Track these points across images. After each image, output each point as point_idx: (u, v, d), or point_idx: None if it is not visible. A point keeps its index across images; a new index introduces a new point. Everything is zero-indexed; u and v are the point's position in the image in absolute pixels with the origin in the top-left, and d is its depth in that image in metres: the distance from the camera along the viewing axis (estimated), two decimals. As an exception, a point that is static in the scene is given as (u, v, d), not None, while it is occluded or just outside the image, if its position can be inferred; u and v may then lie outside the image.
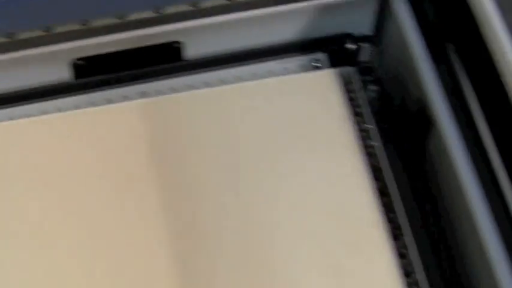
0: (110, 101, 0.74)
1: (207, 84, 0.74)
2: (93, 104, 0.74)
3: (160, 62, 0.74)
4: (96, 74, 0.74)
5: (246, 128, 0.70)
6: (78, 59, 0.73)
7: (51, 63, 0.73)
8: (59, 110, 0.73)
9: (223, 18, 0.72)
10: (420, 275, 0.66)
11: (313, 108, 0.71)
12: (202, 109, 0.71)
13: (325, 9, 0.75)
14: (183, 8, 0.70)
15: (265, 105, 0.71)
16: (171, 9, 0.70)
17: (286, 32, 0.76)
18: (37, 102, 0.74)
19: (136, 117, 0.71)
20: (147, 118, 0.70)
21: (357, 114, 0.72)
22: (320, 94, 0.72)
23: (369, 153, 0.70)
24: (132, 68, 0.74)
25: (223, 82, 0.74)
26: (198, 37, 0.74)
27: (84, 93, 0.74)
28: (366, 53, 0.78)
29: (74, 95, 0.74)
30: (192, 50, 0.75)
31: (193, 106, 0.71)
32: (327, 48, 0.76)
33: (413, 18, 0.71)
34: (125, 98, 0.74)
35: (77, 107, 0.73)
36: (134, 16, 0.69)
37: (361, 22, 0.76)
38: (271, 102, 0.71)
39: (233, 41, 0.75)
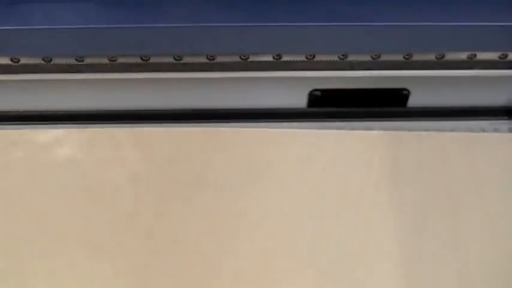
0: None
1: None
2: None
3: (387, 105, 0.83)
4: (327, 106, 0.83)
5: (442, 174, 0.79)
6: (315, 90, 0.83)
7: (291, 90, 0.82)
8: None
9: (455, 74, 0.80)
10: None
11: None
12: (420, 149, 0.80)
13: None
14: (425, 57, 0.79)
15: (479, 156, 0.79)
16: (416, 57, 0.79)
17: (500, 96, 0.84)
18: (272, 122, 0.83)
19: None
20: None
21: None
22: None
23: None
24: (359, 106, 0.83)
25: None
26: (426, 87, 0.82)
27: (315, 121, 0.83)
28: None
29: (307, 121, 0.83)
30: (417, 99, 0.84)
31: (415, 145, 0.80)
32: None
33: None
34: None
35: None
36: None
37: None
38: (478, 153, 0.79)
39: (450, 96, 0.83)
